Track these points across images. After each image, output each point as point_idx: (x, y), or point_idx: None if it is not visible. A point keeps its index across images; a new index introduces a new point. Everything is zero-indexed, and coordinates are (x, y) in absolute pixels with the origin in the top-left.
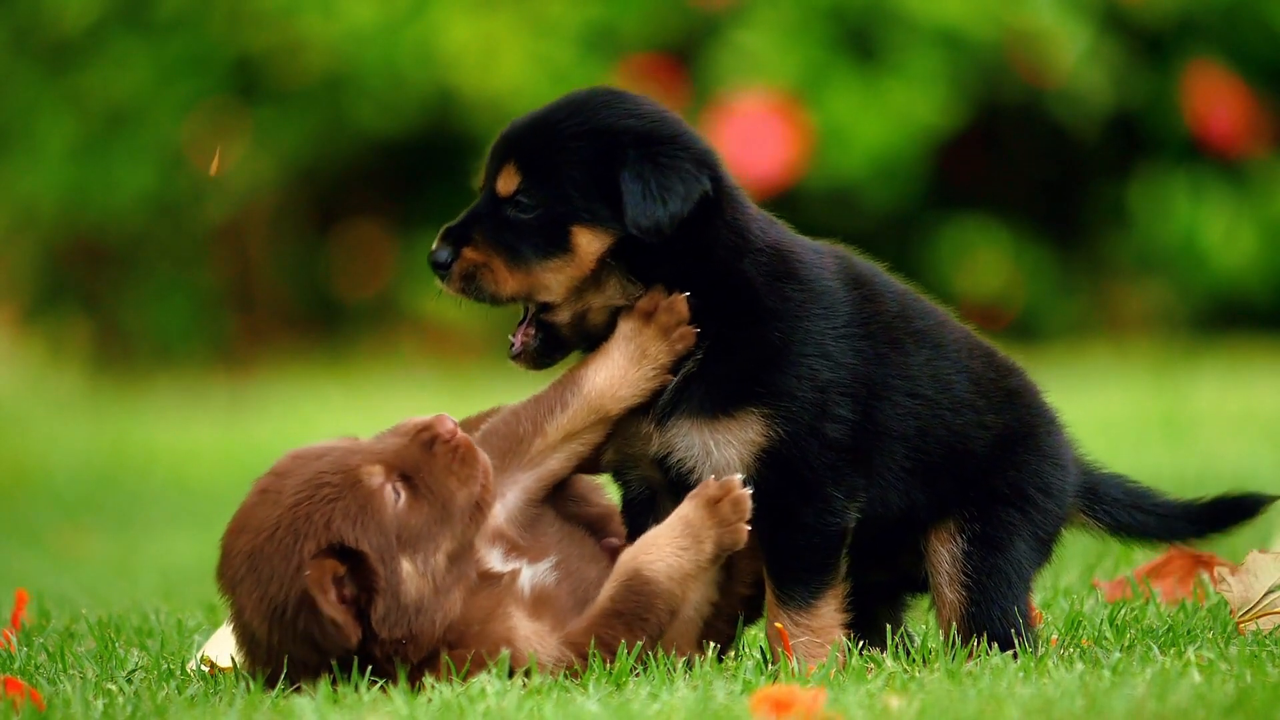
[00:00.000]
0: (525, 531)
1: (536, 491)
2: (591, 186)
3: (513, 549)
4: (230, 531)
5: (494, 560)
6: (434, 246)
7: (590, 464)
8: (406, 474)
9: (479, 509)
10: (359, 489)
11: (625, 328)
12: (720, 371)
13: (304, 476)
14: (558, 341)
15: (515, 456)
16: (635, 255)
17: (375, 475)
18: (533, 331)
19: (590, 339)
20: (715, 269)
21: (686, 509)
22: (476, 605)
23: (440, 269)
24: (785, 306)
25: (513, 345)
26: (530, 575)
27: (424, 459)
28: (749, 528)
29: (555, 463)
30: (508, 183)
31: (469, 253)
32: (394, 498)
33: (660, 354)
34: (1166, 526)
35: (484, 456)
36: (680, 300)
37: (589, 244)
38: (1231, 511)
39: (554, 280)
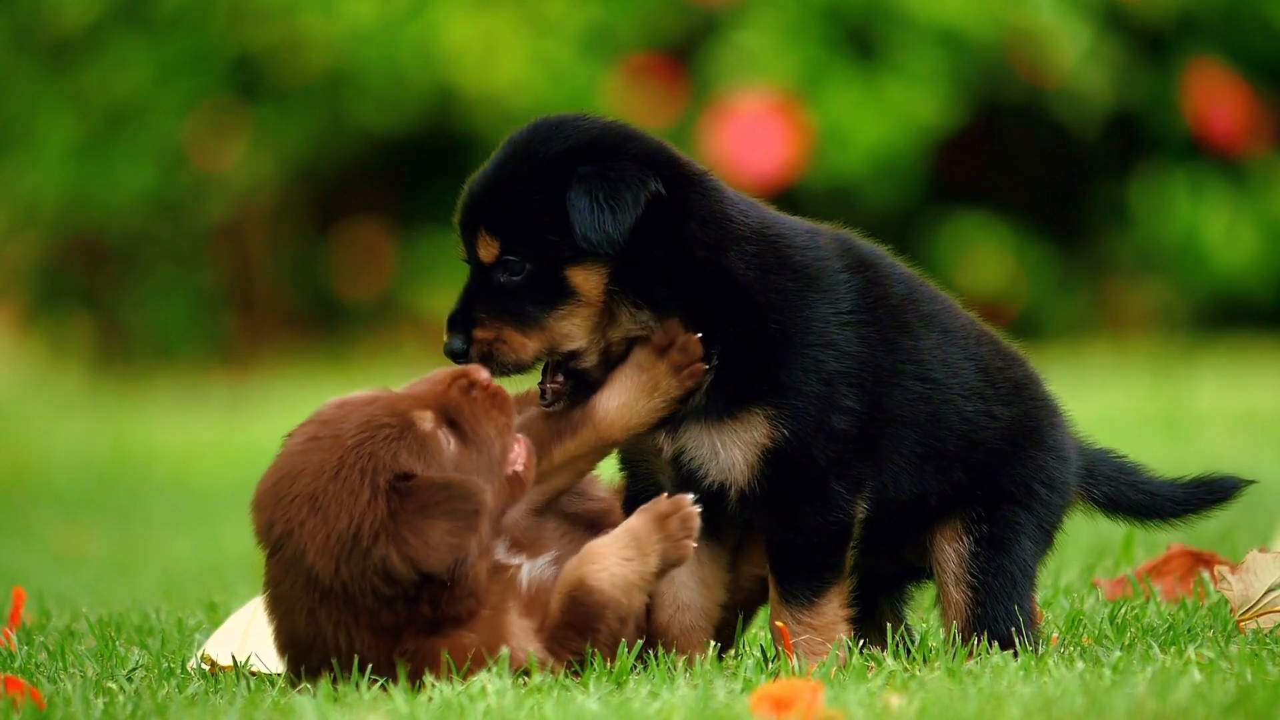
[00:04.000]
0: (527, 529)
1: (539, 503)
2: (564, 223)
3: (515, 544)
4: (279, 480)
5: (500, 551)
6: (445, 339)
7: None
8: (452, 419)
9: (518, 481)
10: (415, 430)
11: (639, 357)
12: (726, 372)
13: (359, 420)
14: (588, 385)
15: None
16: (631, 278)
17: (427, 420)
18: (561, 379)
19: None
20: (701, 269)
21: (635, 521)
22: (490, 591)
23: (459, 358)
24: (779, 297)
25: (545, 396)
26: (529, 570)
27: (465, 403)
28: (694, 544)
29: (559, 479)
30: (488, 251)
31: (479, 333)
32: (446, 443)
33: (671, 388)
34: (1154, 506)
35: (527, 439)
36: (694, 340)
37: (587, 280)
38: (1209, 494)
39: (571, 327)
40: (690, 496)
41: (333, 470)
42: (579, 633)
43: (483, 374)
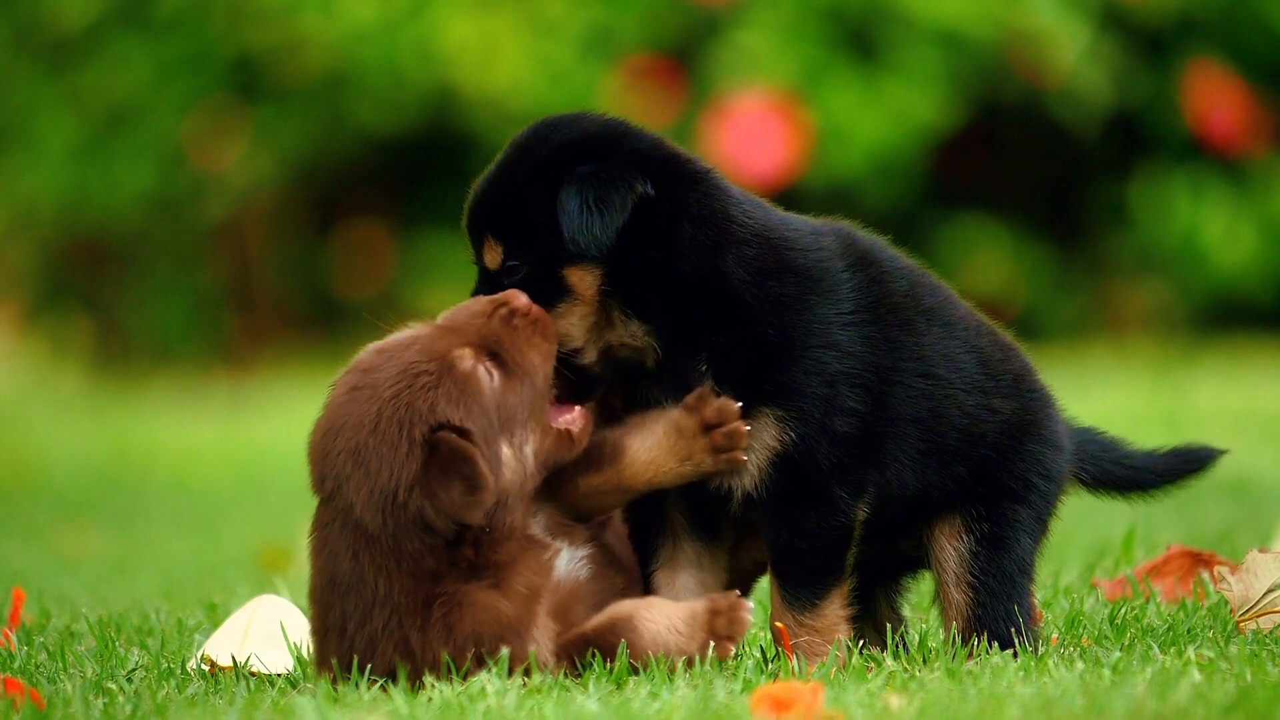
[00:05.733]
0: (563, 523)
1: (567, 515)
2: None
3: (550, 530)
4: (324, 434)
5: (537, 527)
6: None
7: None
8: (493, 352)
9: (568, 438)
10: (454, 373)
11: (682, 421)
12: (729, 376)
13: (397, 368)
14: (590, 381)
15: (548, 491)
16: (623, 280)
17: (466, 358)
18: (563, 371)
19: (622, 368)
20: (695, 272)
21: (698, 604)
22: (527, 564)
23: None
24: (777, 303)
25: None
26: (567, 559)
27: (506, 334)
28: (733, 648)
29: (586, 504)
30: (492, 256)
31: None
32: (488, 378)
33: (704, 464)
34: (1138, 479)
35: (585, 409)
36: (740, 430)
37: (582, 279)
38: (1187, 463)
39: (569, 326)
40: (749, 604)
41: (371, 424)
42: (597, 656)
43: (521, 300)
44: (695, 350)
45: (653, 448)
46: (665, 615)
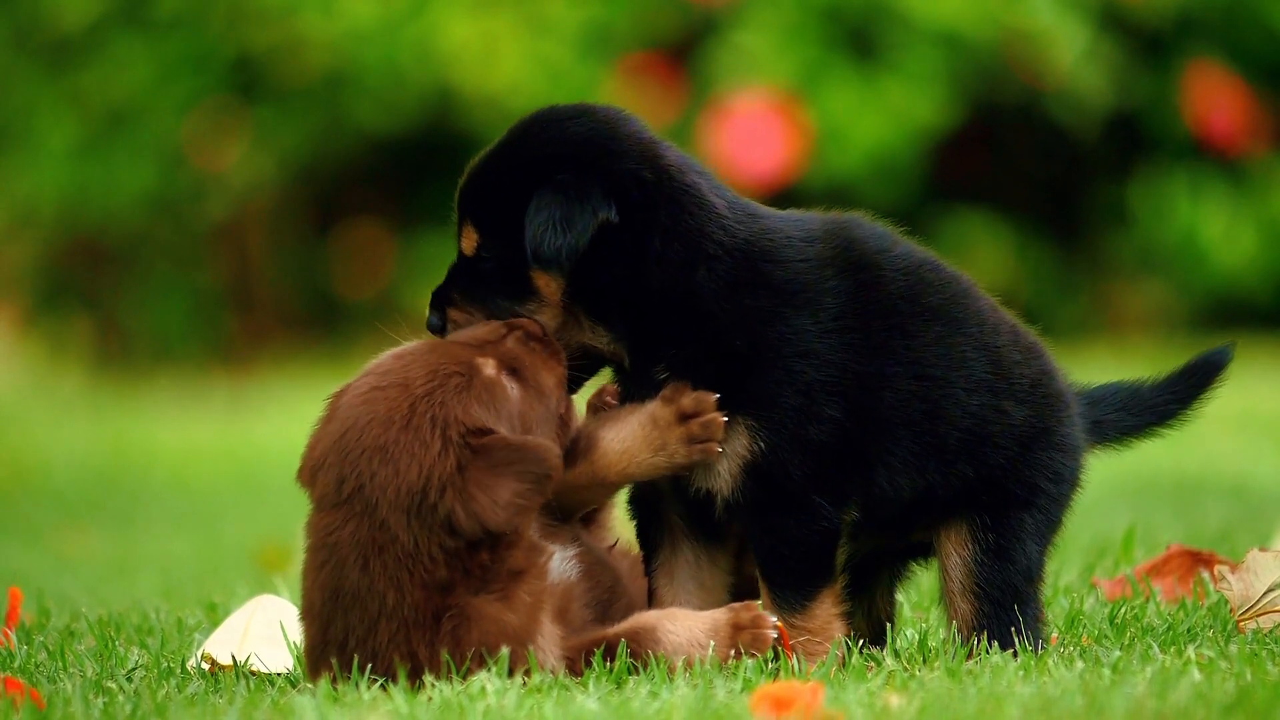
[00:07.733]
0: (547, 524)
1: (549, 515)
2: None
3: (541, 529)
4: (342, 434)
5: (531, 529)
6: (428, 313)
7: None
8: (513, 368)
9: (564, 424)
10: (482, 378)
11: (658, 412)
12: (695, 386)
13: (425, 368)
14: (576, 379)
15: None
16: (586, 292)
17: (490, 367)
18: None
19: (605, 361)
20: (660, 286)
21: (722, 615)
22: (530, 573)
23: (435, 333)
24: (746, 315)
25: None
26: (559, 560)
27: (524, 354)
28: (755, 659)
29: (568, 500)
30: (469, 241)
31: (454, 313)
32: (510, 389)
33: (678, 455)
34: (1162, 414)
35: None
36: (717, 421)
37: (548, 284)
38: (1205, 375)
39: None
40: (773, 620)
41: (403, 420)
42: (608, 658)
43: (534, 325)
44: (659, 359)
45: (626, 438)
46: (687, 628)
